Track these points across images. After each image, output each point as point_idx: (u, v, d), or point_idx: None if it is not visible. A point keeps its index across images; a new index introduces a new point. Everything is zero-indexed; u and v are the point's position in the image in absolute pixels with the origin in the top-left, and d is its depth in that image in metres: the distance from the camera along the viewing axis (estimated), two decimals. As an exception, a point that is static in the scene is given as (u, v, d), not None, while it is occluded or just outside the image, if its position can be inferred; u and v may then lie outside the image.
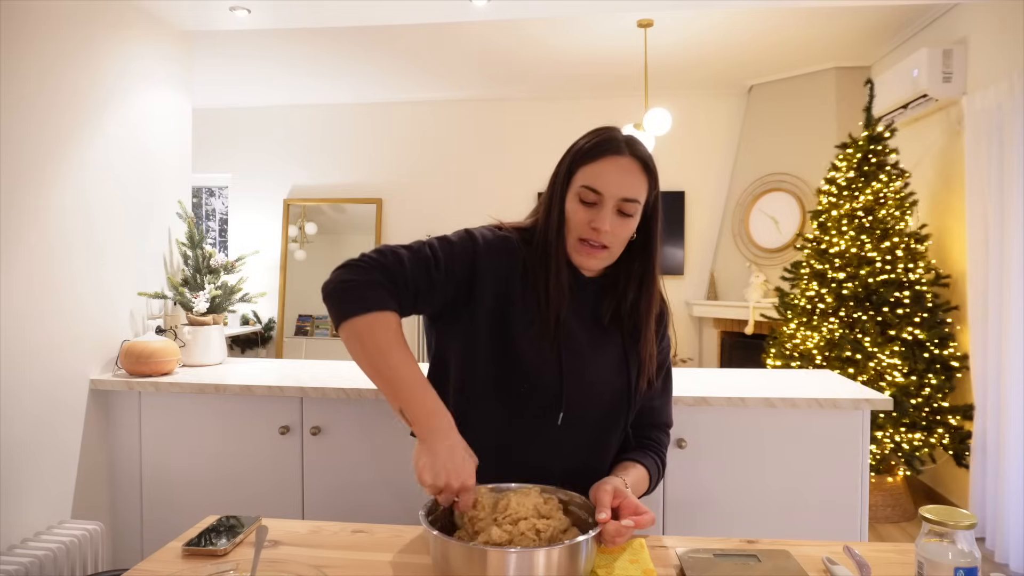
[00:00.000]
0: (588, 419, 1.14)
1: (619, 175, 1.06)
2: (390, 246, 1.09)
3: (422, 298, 1.09)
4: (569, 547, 0.84)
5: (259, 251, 3.88)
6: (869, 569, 0.94)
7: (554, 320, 1.10)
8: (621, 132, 1.11)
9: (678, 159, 5.39)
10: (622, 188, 1.06)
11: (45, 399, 2.02)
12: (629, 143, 1.09)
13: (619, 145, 1.08)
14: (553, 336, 1.10)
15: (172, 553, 1.03)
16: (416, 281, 1.07)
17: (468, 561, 0.82)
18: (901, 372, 3.20)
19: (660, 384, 1.23)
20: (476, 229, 1.15)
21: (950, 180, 3.50)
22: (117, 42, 2.30)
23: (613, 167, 1.07)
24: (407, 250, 1.09)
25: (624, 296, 1.15)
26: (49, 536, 1.94)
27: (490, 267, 1.11)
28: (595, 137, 1.10)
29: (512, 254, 1.12)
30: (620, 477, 1.08)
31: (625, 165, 1.07)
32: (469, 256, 1.10)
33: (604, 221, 1.06)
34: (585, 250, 1.09)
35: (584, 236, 1.09)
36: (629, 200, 1.07)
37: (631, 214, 1.08)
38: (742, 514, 1.93)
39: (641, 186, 1.08)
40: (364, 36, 4.20)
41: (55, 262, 2.05)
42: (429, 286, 1.08)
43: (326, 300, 1.07)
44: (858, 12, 3.74)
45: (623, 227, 1.09)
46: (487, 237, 1.13)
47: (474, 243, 1.11)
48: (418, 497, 1.32)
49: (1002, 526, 2.79)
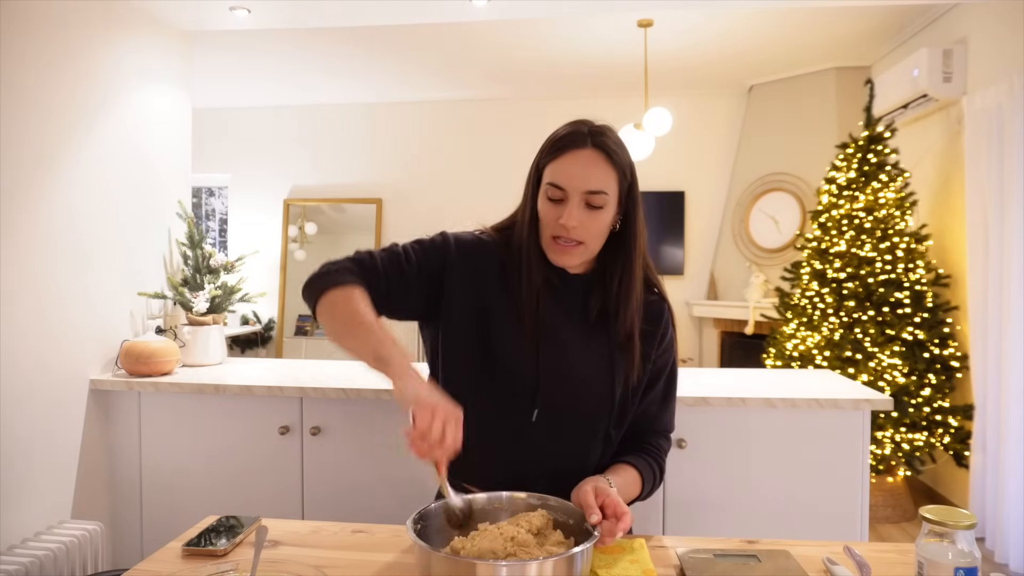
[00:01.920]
0: (568, 418, 1.12)
1: (581, 168, 1.05)
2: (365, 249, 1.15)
3: (395, 289, 1.11)
4: (565, 559, 0.80)
5: (259, 251, 3.88)
6: (869, 569, 0.94)
7: (531, 319, 1.10)
8: (591, 124, 1.09)
9: (678, 159, 5.38)
10: (585, 181, 1.05)
11: (45, 399, 2.02)
12: (593, 134, 1.07)
13: (581, 138, 1.06)
14: (532, 335, 1.10)
15: (172, 553, 1.03)
16: (387, 271, 1.11)
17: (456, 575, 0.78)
18: (901, 372, 3.20)
19: (662, 389, 1.20)
20: (452, 232, 1.18)
21: (950, 180, 3.50)
22: (117, 42, 2.30)
23: (574, 161, 1.05)
24: (381, 250, 1.14)
25: (610, 292, 1.13)
26: (49, 536, 1.94)
27: (464, 267, 1.13)
28: (560, 132, 1.09)
29: (487, 255, 1.14)
30: (606, 477, 1.07)
31: (587, 157, 1.05)
32: (440, 255, 1.14)
33: (571, 216, 1.05)
34: (558, 247, 1.09)
35: (555, 233, 1.08)
36: (594, 192, 1.05)
37: (600, 206, 1.06)
38: (742, 514, 1.93)
39: (606, 176, 1.06)
40: (364, 36, 4.20)
41: (55, 262, 2.05)
42: (400, 276, 1.11)
43: (304, 292, 1.12)
44: (858, 12, 3.74)
45: (593, 220, 1.07)
46: (461, 238, 1.16)
47: (446, 243, 1.15)
48: (418, 497, 1.32)
49: (1002, 526, 2.79)
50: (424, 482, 1.97)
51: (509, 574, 0.77)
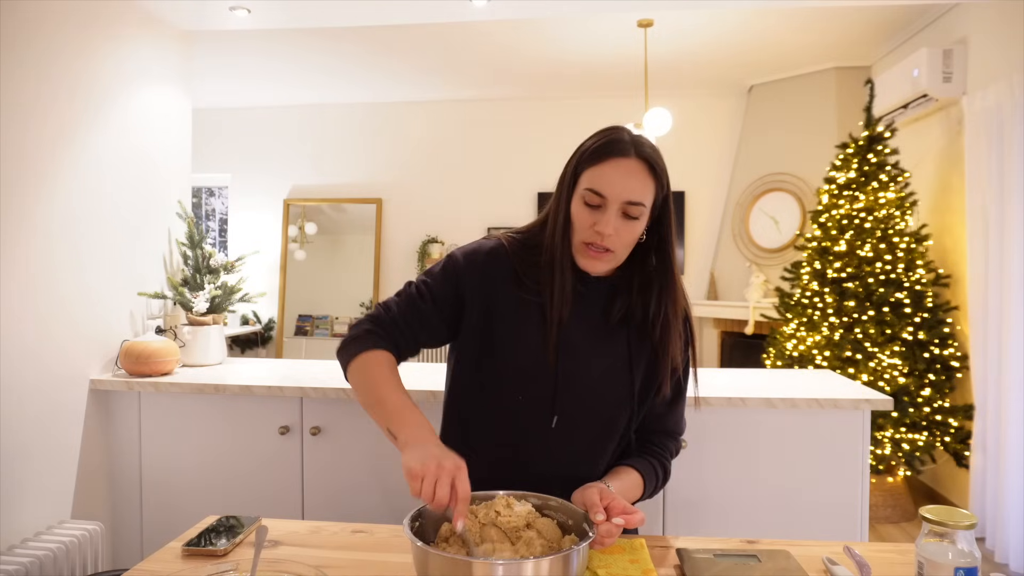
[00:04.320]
0: (585, 422, 1.13)
1: (623, 178, 1.04)
2: (382, 301, 1.18)
3: (421, 330, 1.15)
4: (561, 558, 0.80)
5: (259, 251, 3.88)
6: (869, 569, 0.94)
7: (556, 323, 1.09)
8: (630, 132, 1.09)
9: (678, 159, 5.38)
10: (626, 191, 1.04)
11: (45, 399, 2.02)
12: (636, 144, 1.06)
13: (624, 147, 1.06)
14: (554, 340, 1.09)
15: (172, 553, 1.03)
16: (406, 318, 1.14)
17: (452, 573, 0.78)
18: (901, 372, 3.20)
19: (672, 390, 1.19)
20: (460, 247, 1.19)
21: (950, 180, 3.50)
22: (117, 42, 2.30)
23: (617, 169, 1.05)
24: (395, 296, 1.18)
25: (636, 298, 1.13)
26: (49, 536, 1.93)
27: (475, 279, 1.14)
28: (601, 138, 1.08)
29: (498, 262, 1.14)
30: (605, 482, 1.06)
31: (630, 167, 1.05)
32: (452, 277, 1.15)
33: (608, 224, 1.04)
34: (590, 253, 1.08)
35: (588, 239, 1.07)
36: (634, 203, 1.05)
37: (636, 217, 1.06)
38: (742, 514, 1.93)
39: (646, 188, 1.06)
40: (364, 36, 4.21)
41: (54, 262, 2.05)
42: (420, 318, 1.14)
43: (338, 359, 1.17)
44: (858, 12, 3.74)
45: (628, 230, 1.07)
46: (470, 252, 1.17)
47: (455, 263, 1.16)
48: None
49: (1002, 526, 2.79)
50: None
51: (505, 573, 0.77)
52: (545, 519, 0.95)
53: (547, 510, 0.98)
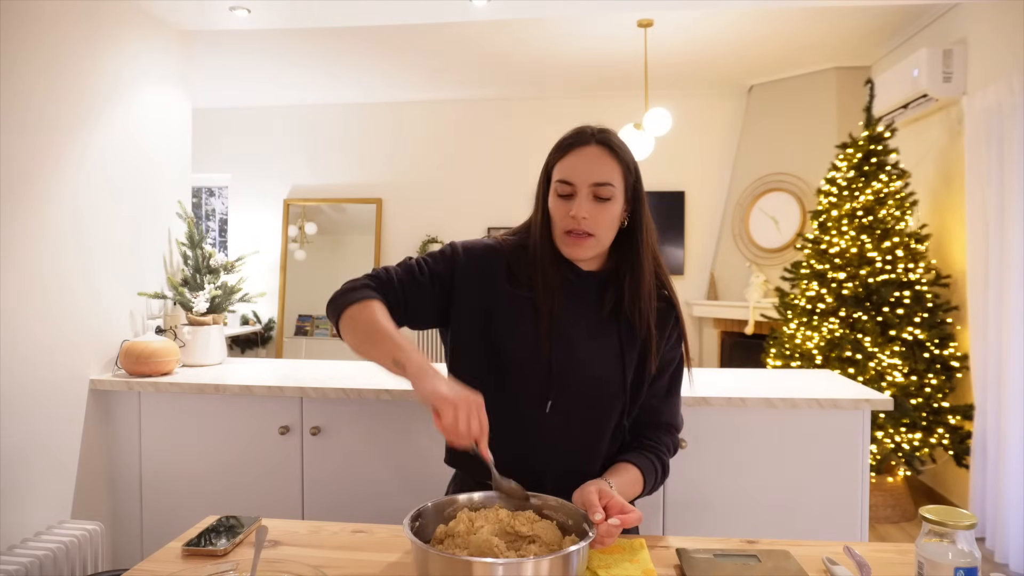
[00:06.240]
0: (579, 411, 1.15)
1: (587, 163, 1.12)
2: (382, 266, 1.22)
3: (412, 299, 1.18)
4: (561, 558, 0.80)
5: (259, 251, 3.88)
6: (869, 569, 0.94)
7: (548, 315, 1.14)
8: (592, 127, 1.16)
9: (678, 159, 5.39)
10: (591, 174, 1.11)
11: (45, 399, 2.02)
12: (596, 133, 1.14)
13: (585, 137, 1.14)
14: (547, 330, 1.13)
15: (172, 553, 1.03)
16: (402, 283, 1.18)
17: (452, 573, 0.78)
18: (901, 372, 3.20)
19: (666, 383, 1.22)
20: (461, 241, 1.24)
21: (950, 180, 3.50)
22: (116, 42, 2.30)
23: (581, 157, 1.12)
24: (396, 265, 1.22)
25: (623, 287, 1.17)
26: (49, 536, 1.93)
27: (472, 269, 1.19)
28: (566, 136, 1.16)
29: (494, 258, 1.20)
30: (605, 479, 1.08)
31: (592, 153, 1.12)
32: (450, 261, 1.20)
33: (581, 208, 1.11)
34: (571, 240, 1.13)
35: (567, 227, 1.13)
36: (601, 184, 1.11)
37: (608, 198, 1.12)
38: (742, 514, 1.93)
39: (612, 170, 1.12)
40: (364, 36, 4.21)
41: (54, 262, 2.05)
42: (415, 286, 1.18)
43: (327, 311, 1.18)
44: (858, 12, 3.74)
45: (603, 212, 1.12)
46: (469, 245, 1.22)
47: (455, 251, 1.21)
48: (419, 497, 1.32)
49: (1002, 526, 2.79)
50: (424, 482, 1.98)
51: (505, 573, 0.77)
52: (545, 521, 0.95)
53: (547, 510, 0.98)
